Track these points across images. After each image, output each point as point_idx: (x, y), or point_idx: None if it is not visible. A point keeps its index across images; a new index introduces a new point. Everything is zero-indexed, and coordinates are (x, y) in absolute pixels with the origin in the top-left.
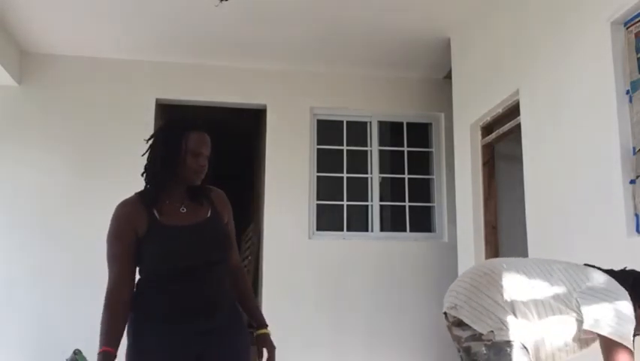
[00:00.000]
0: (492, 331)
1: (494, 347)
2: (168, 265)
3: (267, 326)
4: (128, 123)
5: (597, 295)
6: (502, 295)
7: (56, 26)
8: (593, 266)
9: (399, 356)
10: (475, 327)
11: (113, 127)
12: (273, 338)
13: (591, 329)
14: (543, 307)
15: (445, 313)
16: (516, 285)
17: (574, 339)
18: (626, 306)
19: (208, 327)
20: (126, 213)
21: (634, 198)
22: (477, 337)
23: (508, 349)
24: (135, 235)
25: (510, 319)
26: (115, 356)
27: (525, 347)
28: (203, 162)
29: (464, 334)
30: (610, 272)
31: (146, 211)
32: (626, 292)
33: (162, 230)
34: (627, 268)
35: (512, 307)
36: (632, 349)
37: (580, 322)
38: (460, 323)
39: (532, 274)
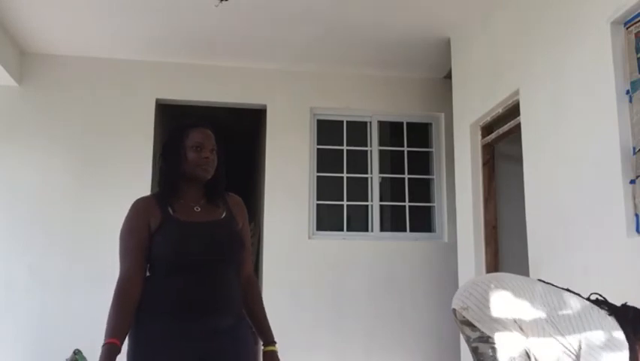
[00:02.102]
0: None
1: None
2: (176, 256)
3: (275, 343)
4: (128, 123)
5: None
6: (510, 311)
7: (56, 26)
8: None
9: (398, 355)
10: (483, 330)
11: (113, 127)
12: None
13: None
14: (542, 330)
15: (454, 310)
16: (524, 307)
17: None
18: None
19: (216, 328)
20: (141, 209)
21: (634, 198)
22: (484, 339)
23: (514, 352)
24: (148, 229)
25: (516, 330)
26: (120, 350)
27: (528, 355)
28: (206, 155)
29: (473, 334)
30: (612, 307)
31: (160, 208)
32: (606, 328)
33: (175, 223)
34: (628, 304)
35: (519, 324)
36: None
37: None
38: (469, 324)
39: (537, 302)
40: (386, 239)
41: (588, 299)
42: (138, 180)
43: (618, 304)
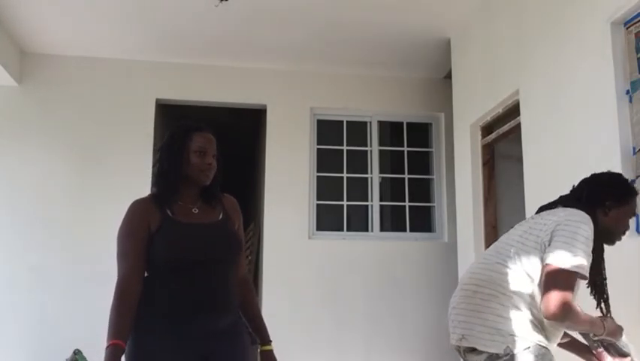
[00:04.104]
0: (507, 346)
1: (515, 359)
2: (177, 257)
3: (271, 341)
4: (128, 123)
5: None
6: (502, 304)
7: (56, 26)
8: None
9: (399, 355)
10: (490, 351)
11: (113, 127)
12: (273, 338)
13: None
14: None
15: (457, 347)
16: (509, 286)
17: None
18: (581, 230)
19: (215, 327)
20: (140, 210)
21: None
22: (494, 357)
23: (530, 355)
24: (148, 230)
25: (520, 325)
26: (124, 350)
27: (543, 346)
28: (209, 160)
29: (481, 358)
30: (554, 203)
31: (159, 209)
32: (578, 213)
33: (175, 225)
34: (582, 179)
35: (518, 307)
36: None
37: None
38: (472, 350)
39: (513, 265)
40: (386, 239)
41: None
42: (138, 180)
43: (611, 296)
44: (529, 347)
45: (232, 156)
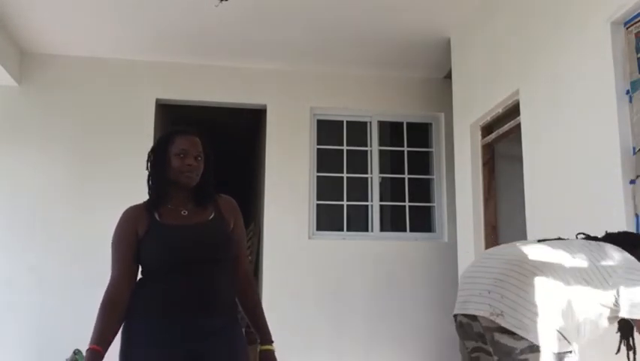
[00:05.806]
0: (550, 342)
1: (554, 358)
2: (165, 259)
3: (272, 342)
4: (128, 123)
5: (630, 278)
6: (556, 297)
7: (56, 26)
8: (596, 238)
9: (398, 356)
10: (531, 339)
11: (113, 127)
12: (273, 337)
13: (629, 316)
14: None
15: (475, 316)
16: (564, 281)
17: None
18: None
19: (206, 328)
20: (129, 217)
21: (634, 198)
22: (535, 348)
23: (566, 360)
24: (136, 236)
25: (566, 325)
26: (102, 356)
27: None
28: (189, 162)
29: (519, 345)
30: (610, 238)
31: (147, 214)
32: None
33: (161, 228)
34: (622, 231)
35: (568, 306)
36: None
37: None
38: (508, 331)
39: (570, 264)
40: (386, 239)
41: (587, 238)
42: (138, 180)
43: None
44: (570, 352)
45: (232, 156)
